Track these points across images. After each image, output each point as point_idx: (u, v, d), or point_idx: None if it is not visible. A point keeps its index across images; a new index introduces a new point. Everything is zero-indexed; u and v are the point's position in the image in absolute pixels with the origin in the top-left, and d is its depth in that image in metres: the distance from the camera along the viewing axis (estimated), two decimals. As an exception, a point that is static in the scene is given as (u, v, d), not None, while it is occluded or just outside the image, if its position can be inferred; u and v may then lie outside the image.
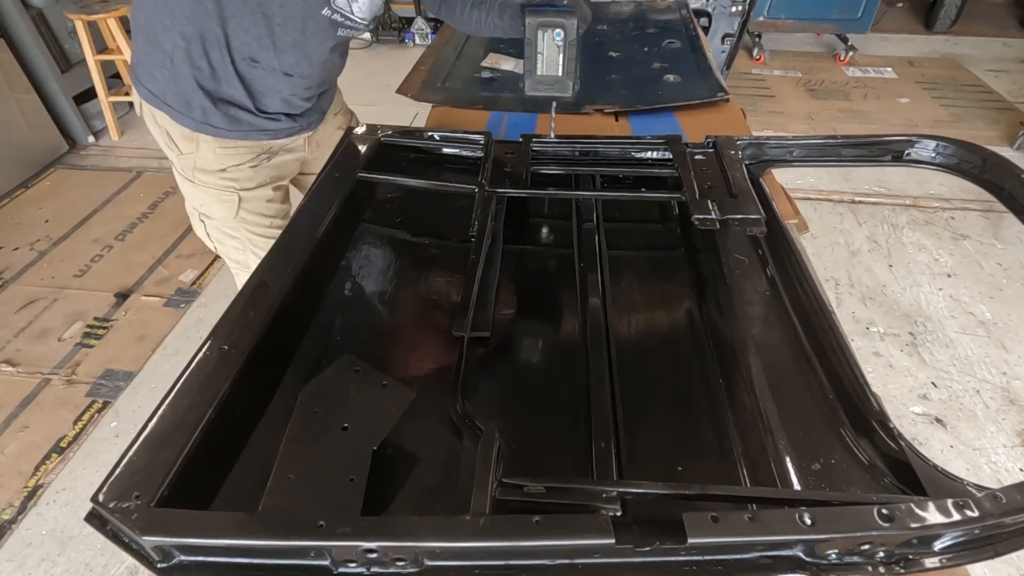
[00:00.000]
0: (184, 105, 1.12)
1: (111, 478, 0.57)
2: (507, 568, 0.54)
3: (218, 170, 1.22)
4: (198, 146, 1.19)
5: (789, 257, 0.91)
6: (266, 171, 1.28)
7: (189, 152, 1.20)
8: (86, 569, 1.63)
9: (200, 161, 1.21)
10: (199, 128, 1.15)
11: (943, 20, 4.61)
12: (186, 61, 1.06)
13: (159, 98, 1.13)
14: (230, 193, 1.26)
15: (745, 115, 1.56)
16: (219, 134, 1.16)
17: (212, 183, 1.24)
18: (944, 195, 2.95)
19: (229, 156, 1.21)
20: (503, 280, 0.95)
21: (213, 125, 1.15)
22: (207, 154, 1.20)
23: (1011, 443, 1.90)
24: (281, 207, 1.36)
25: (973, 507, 0.53)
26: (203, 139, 1.18)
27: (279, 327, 0.78)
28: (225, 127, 1.16)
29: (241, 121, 1.16)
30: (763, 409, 0.74)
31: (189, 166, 1.22)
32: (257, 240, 1.33)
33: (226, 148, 1.20)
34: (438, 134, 1.20)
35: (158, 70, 1.09)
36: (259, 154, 1.25)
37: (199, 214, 1.31)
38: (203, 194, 1.26)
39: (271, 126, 1.20)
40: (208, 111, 1.13)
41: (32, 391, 2.09)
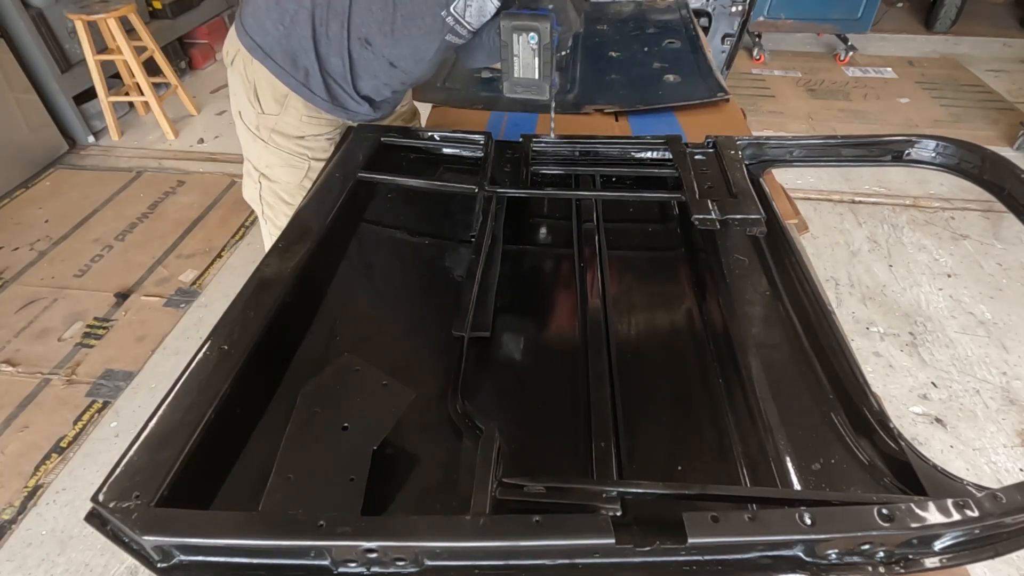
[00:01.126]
0: (291, 63, 1.14)
1: (111, 478, 0.57)
2: (507, 568, 0.54)
3: (297, 136, 1.24)
4: (285, 109, 1.21)
5: (789, 257, 0.91)
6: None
7: (272, 113, 1.22)
8: (86, 569, 1.63)
9: (281, 124, 1.23)
10: (298, 88, 1.16)
11: (943, 20, 4.61)
12: (308, 22, 1.09)
13: (265, 52, 1.14)
14: (302, 160, 1.28)
15: (745, 115, 1.56)
16: (313, 100, 1.18)
17: (287, 147, 1.26)
18: (944, 195, 2.95)
19: (311, 125, 1.24)
20: (503, 280, 0.95)
21: (311, 89, 1.16)
22: (291, 119, 1.22)
23: (1011, 443, 1.90)
24: None
25: (973, 507, 0.53)
26: (293, 103, 1.20)
27: (279, 327, 0.78)
28: (321, 95, 1.18)
29: (335, 94, 1.19)
30: (763, 409, 0.73)
31: (268, 126, 1.24)
32: None
33: (312, 117, 1.22)
34: (438, 134, 1.20)
35: (273, 26, 1.11)
36: (335, 128, 1.28)
37: (259, 175, 1.32)
38: (273, 156, 1.28)
39: (355, 107, 1.22)
40: (311, 74, 1.15)
41: (32, 391, 2.09)
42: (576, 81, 1.68)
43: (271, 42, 1.13)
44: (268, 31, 1.13)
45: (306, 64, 1.14)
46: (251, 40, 1.15)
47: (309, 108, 1.21)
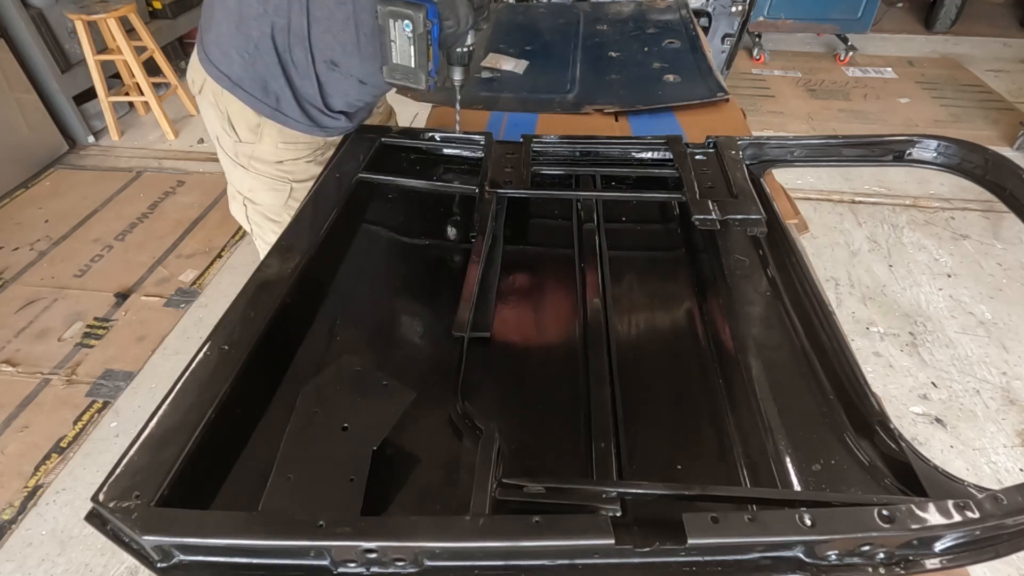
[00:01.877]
0: (261, 90, 1.12)
1: (111, 478, 0.57)
2: (507, 568, 0.54)
3: (276, 161, 1.24)
4: (260, 138, 1.20)
5: (789, 257, 0.91)
6: (318, 166, 1.29)
7: (249, 141, 1.21)
8: (86, 569, 1.63)
9: (259, 152, 1.22)
10: (271, 115, 1.15)
11: (943, 20, 4.61)
12: (271, 49, 1.07)
13: (233, 81, 1.12)
14: (283, 183, 1.27)
15: (745, 115, 1.56)
16: (288, 124, 1.17)
17: (267, 172, 1.25)
18: (944, 195, 2.95)
19: (288, 150, 1.23)
20: (503, 280, 0.95)
21: (285, 114, 1.15)
22: (267, 147, 1.21)
23: (1011, 443, 1.90)
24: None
25: (974, 508, 0.53)
26: (267, 132, 1.18)
27: (279, 327, 0.78)
28: (296, 118, 1.16)
29: (311, 115, 1.17)
30: (763, 409, 0.73)
31: (245, 153, 1.23)
32: None
33: (288, 143, 1.21)
34: (438, 134, 1.20)
35: (238, 54, 1.09)
36: (315, 149, 1.27)
37: (244, 198, 1.32)
38: (254, 180, 1.27)
39: (332, 124, 1.21)
40: (283, 99, 1.13)
41: (32, 391, 2.09)
42: (576, 81, 1.68)
43: (238, 71, 1.11)
44: (233, 59, 1.10)
45: (276, 90, 1.12)
46: (217, 70, 1.13)
47: (285, 134, 1.19)
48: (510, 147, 1.14)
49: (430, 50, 0.95)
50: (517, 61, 1.78)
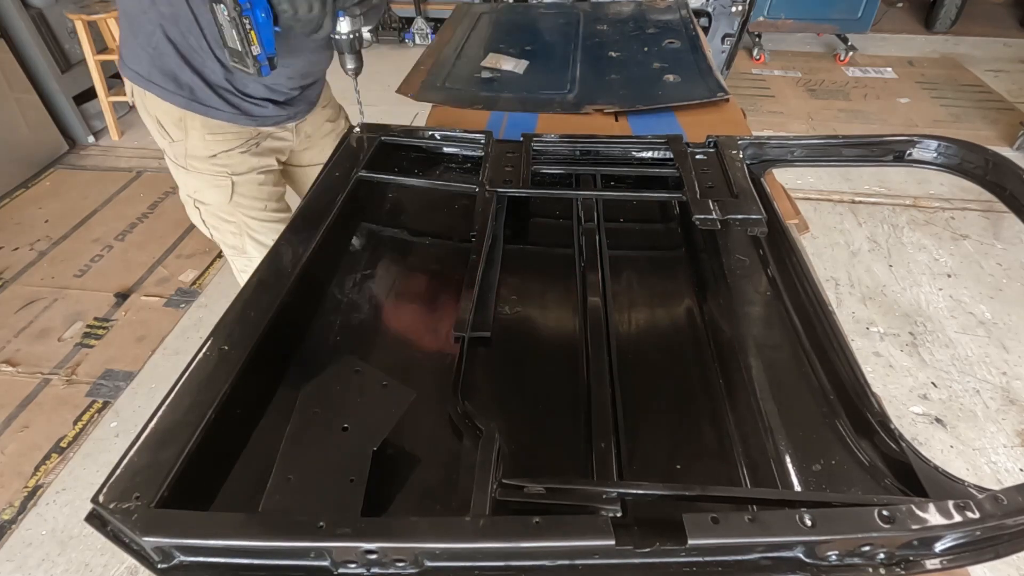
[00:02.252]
0: (172, 83, 1.12)
1: (111, 478, 0.57)
2: (507, 569, 0.54)
3: (209, 156, 1.23)
4: (187, 133, 1.19)
5: (790, 257, 0.91)
6: (255, 157, 1.29)
7: (180, 139, 1.21)
8: (86, 569, 1.63)
9: (191, 148, 1.21)
10: (188, 105, 1.14)
11: (943, 20, 4.61)
12: (168, 40, 1.07)
13: (146, 78, 1.13)
14: (223, 178, 1.26)
15: (745, 115, 1.56)
16: (208, 113, 1.16)
17: (205, 169, 1.25)
18: (944, 195, 2.95)
19: (218, 142, 1.22)
20: (503, 280, 0.95)
21: (201, 102, 1.15)
22: (196, 141, 1.20)
23: (1011, 443, 1.90)
24: (274, 190, 1.37)
25: (974, 508, 0.53)
26: (192, 124, 1.18)
27: (279, 327, 0.78)
28: (215, 106, 1.16)
29: (228, 101, 1.17)
30: (763, 409, 0.73)
31: (181, 153, 1.23)
32: (253, 224, 1.34)
33: (215, 134, 1.21)
34: (438, 133, 1.20)
35: (142, 49, 1.10)
36: (248, 139, 1.26)
37: (194, 201, 1.32)
38: (196, 180, 1.27)
39: (257, 111, 1.21)
40: (196, 88, 1.13)
41: (32, 391, 2.09)
42: (576, 81, 1.68)
43: (147, 66, 1.11)
44: (140, 56, 1.11)
45: (187, 80, 1.12)
46: (131, 70, 1.14)
47: (210, 124, 1.19)
48: (510, 146, 1.14)
49: (253, 34, 0.93)
50: (517, 61, 1.78)
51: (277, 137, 1.33)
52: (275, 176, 1.38)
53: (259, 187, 1.33)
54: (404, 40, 4.69)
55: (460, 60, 1.82)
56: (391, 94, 1.79)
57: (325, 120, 1.45)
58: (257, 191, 1.33)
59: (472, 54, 1.85)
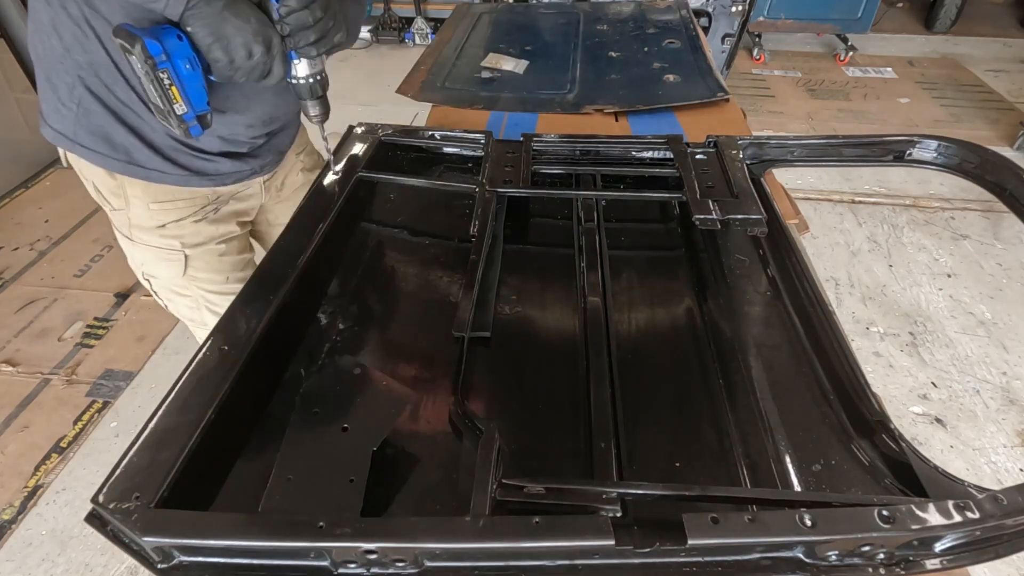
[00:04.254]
0: (103, 143, 0.93)
1: (111, 479, 0.57)
2: (507, 569, 0.54)
3: (156, 227, 1.03)
4: (128, 201, 1.00)
5: (790, 257, 0.91)
6: (214, 225, 1.09)
7: (120, 208, 1.01)
8: (86, 569, 1.63)
9: (135, 217, 1.02)
10: (125, 170, 0.96)
11: (943, 20, 4.61)
12: (91, 95, 0.89)
13: (71, 139, 0.93)
14: (174, 252, 1.06)
15: (745, 115, 1.56)
16: (151, 177, 0.97)
17: (152, 241, 1.05)
18: (944, 195, 2.95)
19: (166, 211, 1.02)
20: (503, 280, 0.95)
21: (141, 165, 0.95)
22: (139, 209, 1.01)
23: (1011, 443, 1.90)
24: (238, 259, 1.16)
25: (974, 509, 0.53)
26: (132, 192, 0.99)
27: (279, 327, 0.78)
28: (157, 167, 0.96)
29: (175, 161, 0.97)
30: (763, 409, 0.73)
31: (124, 223, 1.04)
32: (212, 298, 1.15)
33: (161, 203, 1.00)
34: (438, 133, 1.20)
35: (65, 107, 0.91)
36: (203, 206, 1.05)
37: (142, 273, 1.12)
38: (143, 253, 1.07)
39: (213, 169, 1.00)
40: (133, 149, 0.94)
41: (32, 391, 2.09)
42: (576, 81, 1.68)
43: (71, 125, 0.92)
44: (62, 114, 0.92)
45: (121, 140, 0.93)
46: (52, 129, 0.94)
47: (153, 191, 0.99)
48: (510, 146, 1.14)
49: (174, 90, 0.77)
50: (517, 61, 1.78)
51: (241, 197, 1.12)
52: (239, 243, 1.16)
53: (219, 259, 1.12)
54: (404, 40, 4.69)
55: (460, 60, 1.82)
56: (391, 94, 1.79)
57: (300, 170, 1.24)
58: (217, 263, 1.12)
59: (472, 54, 1.85)
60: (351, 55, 4.48)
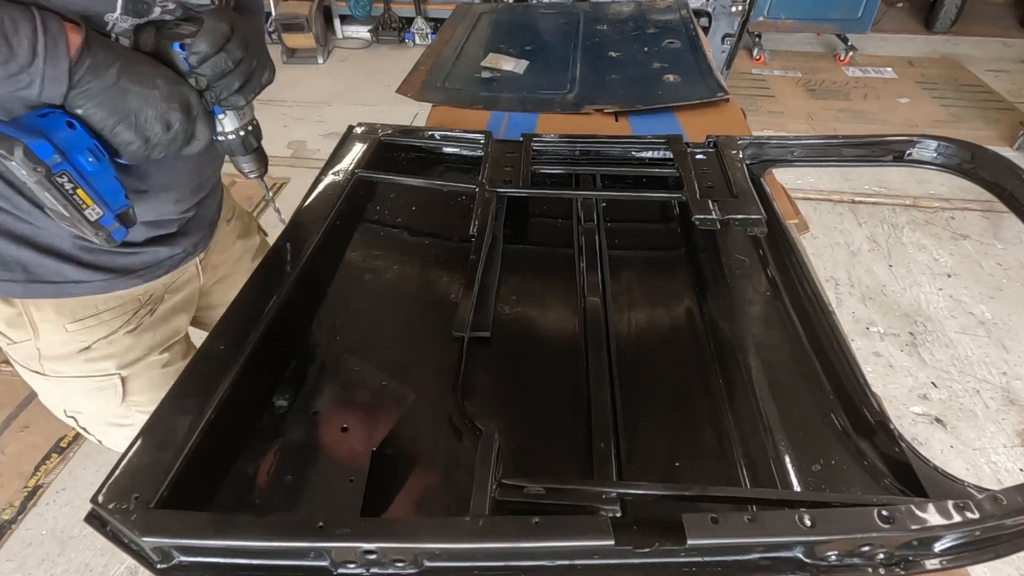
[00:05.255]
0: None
1: (111, 479, 0.57)
2: (506, 569, 0.54)
3: (79, 351, 0.83)
4: (36, 329, 0.80)
5: (790, 257, 0.91)
6: (152, 331, 0.91)
7: (24, 340, 0.81)
8: (86, 569, 1.63)
9: (47, 348, 0.82)
10: (27, 292, 0.76)
11: (943, 20, 4.61)
12: None
13: None
14: (107, 378, 0.87)
15: (745, 115, 1.56)
16: (63, 292, 0.77)
17: (75, 371, 0.85)
18: (944, 195, 2.95)
19: (90, 329, 0.82)
20: (503, 280, 0.95)
21: (47, 280, 0.76)
22: (53, 336, 0.81)
23: (1011, 443, 1.90)
24: (184, 365, 0.87)
25: (973, 509, 0.53)
26: (39, 315, 0.79)
27: (279, 327, 0.78)
28: (71, 278, 0.77)
29: (93, 265, 0.78)
30: (763, 409, 0.73)
31: (32, 356, 0.83)
32: None
33: (81, 320, 0.81)
34: (438, 133, 1.20)
35: None
36: (136, 311, 0.87)
37: (64, 411, 0.92)
38: (63, 388, 0.87)
39: (139, 263, 0.81)
40: (31, 264, 0.74)
41: (32, 391, 2.09)
42: (576, 81, 1.68)
43: None
44: None
45: (14, 255, 0.73)
46: None
47: (69, 309, 0.80)
48: (510, 146, 1.14)
49: (81, 192, 0.61)
50: (517, 61, 1.78)
51: (176, 288, 0.94)
52: (183, 347, 0.98)
53: (162, 372, 0.93)
54: (404, 40, 4.69)
55: (460, 60, 1.82)
56: (391, 94, 1.79)
57: (235, 239, 1.07)
58: (160, 378, 0.93)
59: (472, 54, 1.85)
60: (351, 55, 4.48)
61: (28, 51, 0.54)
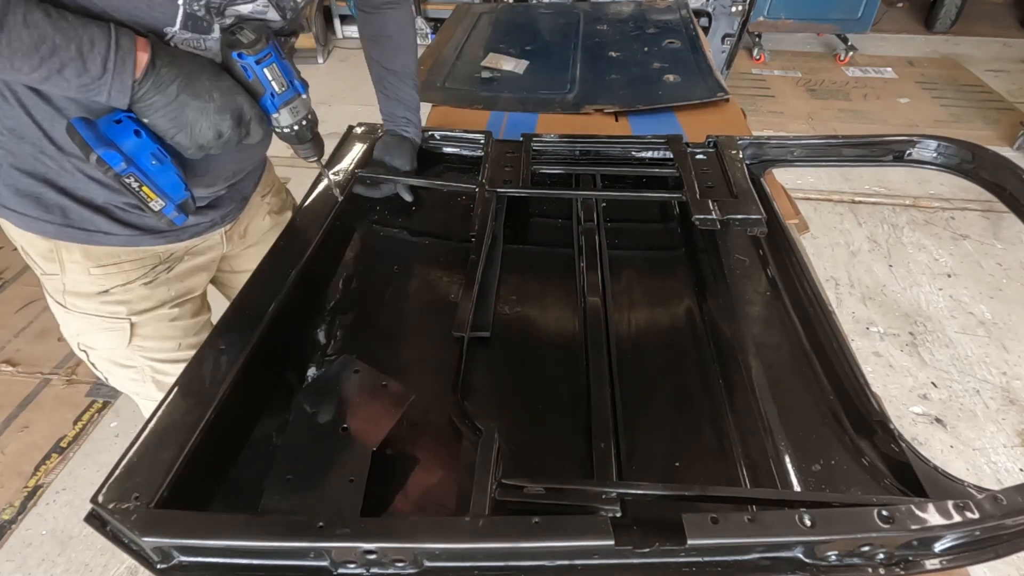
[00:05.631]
0: (33, 205, 0.80)
1: (111, 479, 0.57)
2: (506, 569, 0.54)
3: (98, 292, 0.90)
4: (63, 267, 0.87)
5: (789, 257, 0.91)
6: (167, 286, 0.95)
7: (53, 273, 0.88)
8: (86, 569, 1.63)
9: (71, 284, 0.89)
10: (60, 233, 0.83)
11: (943, 20, 4.61)
12: (15, 163, 0.78)
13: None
14: (118, 320, 0.93)
15: (745, 115, 1.56)
16: (92, 239, 0.84)
17: (92, 309, 0.91)
18: (944, 195, 2.95)
19: (110, 275, 0.89)
20: (503, 280, 0.95)
21: (79, 227, 0.83)
22: (78, 275, 0.87)
23: (1011, 443, 1.90)
24: (192, 322, 1.01)
25: (973, 509, 0.53)
26: (69, 257, 0.86)
27: (279, 327, 0.78)
28: (100, 228, 0.84)
29: (120, 220, 0.85)
30: (763, 410, 0.74)
31: (58, 289, 0.90)
32: (162, 367, 0.99)
33: (104, 266, 0.87)
34: (438, 133, 1.20)
35: None
36: (155, 265, 0.92)
37: (77, 343, 0.98)
38: (80, 322, 0.93)
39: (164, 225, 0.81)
40: (68, 209, 0.81)
41: (32, 391, 2.09)
42: (576, 81, 1.68)
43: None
44: None
45: (54, 200, 0.80)
46: None
47: (95, 255, 0.86)
48: (510, 146, 1.14)
49: (147, 190, 0.71)
50: (517, 61, 1.78)
51: (198, 251, 0.98)
52: (194, 304, 1.03)
53: (170, 324, 0.97)
54: (404, 40, 4.68)
55: (460, 60, 1.82)
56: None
57: (267, 213, 1.11)
58: (168, 329, 0.98)
59: (472, 54, 1.85)
60: (351, 55, 4.48)
61: (99, 67, 0.62)
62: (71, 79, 0.62)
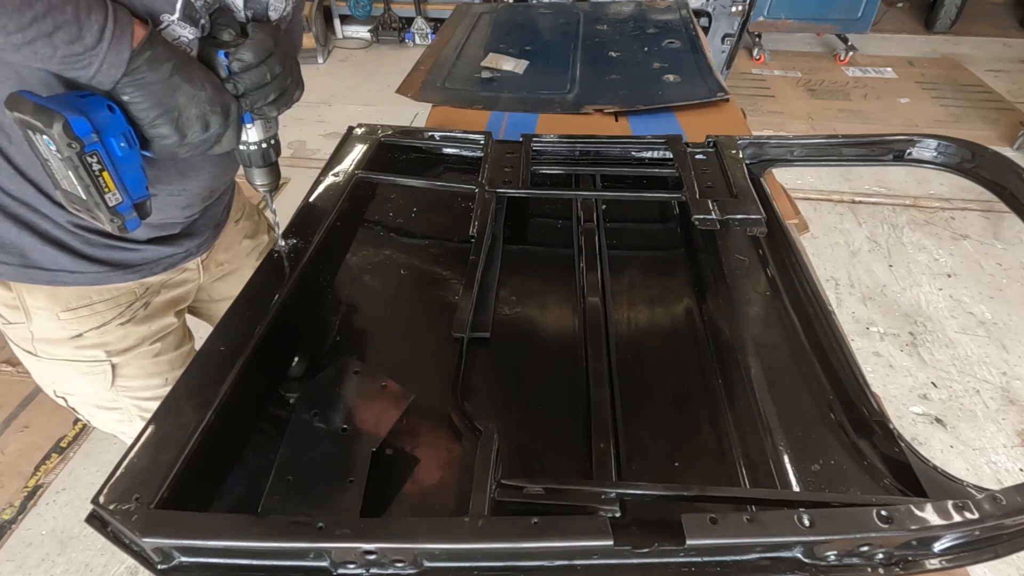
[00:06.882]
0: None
1: (111, 479, 0.57)
2: (506, 569, 0.54)
3: (70, 338, 0.84)
4: (29, 314, 0.81)
5: (789, 257, 0.91)
6: (146, 324, 0.91)
7: (18, 322, 0.82)
8: (86, 569, 1.63)
9: (39, 331, 0.83)
10: (20, 275, 0.76)
11: (943, 20, 4.61)
12: None
13: None
14: (97, 363, 0.87)
15: (745, 115, 1.56)
16: (58, 280, 0.78)
17: (66, 355, 0.86)
18: (944, 195, 2.95)
19: (82, 320, 0.83)
20: (503, 280, 0.95)
21: (41, 267, 0.76)
22: (46, 323, 0.82)
23: (1011, 443, 1.90)
24: (177, 354, 0.97)
25: (973, 509, 0.53)
26: (32, 301, 0.79)
27: (279, 327, 0.78)
28: (65, 267, 0.77)
29: (90, 257, 0.78)
30: (762, 409, 0.74)
31: (25, 337, 0.84)
32: (149, 404, 0.94)
33: (74, 310, 0.82)
34: (438, 134, 1.20)
35: None
36: (130, 303, 0.87)
37: (54, 392, 0.92)
38: (54, 370, 0.88)
39: (137, 259, 0.80)
40: (30, 250, 0.75)
41: (32, 391, 2.09)
42: (576, 81, 1.68)
43: None
44: None
45: (12, 239, 0.73)
46: None
47: (63, 297, 0.80)
48: (510, 146, 1.14)
49: (107, 176, 0.62)
50: (517, 61, 1.78)
51: (174, 284, 0.94)
52: (177, 336, 0.98)
53: (154, 361, 0.93)
54: (404, 40, 4.69)
55: (460, 60, 1.82)
56: (391, 94, 1.79)
57: (243, 238, 1.08)
58: (152, 366, 0.93)
59: (472, 54, 1.85)
60: (351, 55, 4.48)
61: (95, 36, 0.56)
62: (60, 46, 0.54)
